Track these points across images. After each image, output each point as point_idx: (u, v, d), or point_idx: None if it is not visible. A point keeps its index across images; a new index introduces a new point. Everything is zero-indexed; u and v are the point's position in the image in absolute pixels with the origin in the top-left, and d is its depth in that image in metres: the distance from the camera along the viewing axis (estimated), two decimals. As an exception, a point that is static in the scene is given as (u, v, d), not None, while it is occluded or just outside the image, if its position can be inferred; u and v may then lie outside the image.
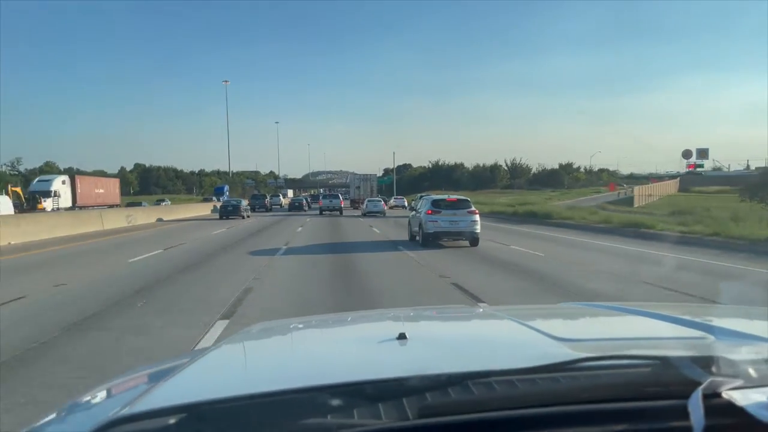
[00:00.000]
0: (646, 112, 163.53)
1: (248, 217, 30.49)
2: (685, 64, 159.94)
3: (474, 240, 13.40)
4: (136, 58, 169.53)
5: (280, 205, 46.58)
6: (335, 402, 0.77)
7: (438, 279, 8.59)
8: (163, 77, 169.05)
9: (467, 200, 14.20)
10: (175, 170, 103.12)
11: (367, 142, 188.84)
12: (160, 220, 27.68)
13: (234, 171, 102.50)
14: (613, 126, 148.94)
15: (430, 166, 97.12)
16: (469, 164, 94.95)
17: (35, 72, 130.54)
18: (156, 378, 1.06)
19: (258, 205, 39.68)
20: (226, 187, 55.43)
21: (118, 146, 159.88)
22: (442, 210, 13.87)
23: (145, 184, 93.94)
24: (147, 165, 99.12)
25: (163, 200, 61.53)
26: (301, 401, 0.78)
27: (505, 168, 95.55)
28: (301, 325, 1.74)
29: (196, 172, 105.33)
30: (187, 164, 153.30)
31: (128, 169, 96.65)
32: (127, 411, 0.81)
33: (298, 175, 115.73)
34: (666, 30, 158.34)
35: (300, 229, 20.93)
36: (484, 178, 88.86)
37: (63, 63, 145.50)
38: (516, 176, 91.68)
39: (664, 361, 0.84)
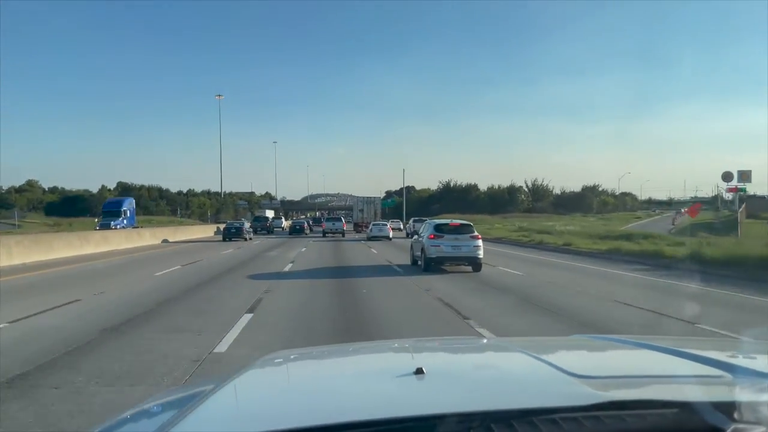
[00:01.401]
0: (657, 136, 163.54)
1: (250, 239, 32.56)
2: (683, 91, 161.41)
3: (476, 265, 13.94)
4: (127, 74, 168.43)
5: (282, 227, 49.36)
6: None
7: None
8: (156, 95, 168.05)
9: (470, 225, 14.86)
10: (159, 189, 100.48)
11: (366, 165, 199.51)
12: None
13: (227, 192, 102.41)
14: (631, 149, 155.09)
15: (441, 187, 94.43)
16: (483, 186, 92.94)
17: (15, 83, 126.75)
18: (181, 404, 1.13)
19: (260, 227, 42.50)
20: (127, 201, 43.45)
21: (104, 164, 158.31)
22: (444, 234, 14.24)
23: None
24: (129, 183, 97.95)
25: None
26: None
27: (526, 189, 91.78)
28: (315, 357, 1.80)
29: (184, 192, 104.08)
30: (176, 184, 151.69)
31: (110, 187, 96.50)
32: None
33: (296, 198, 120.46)
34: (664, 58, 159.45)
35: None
36: (502, 200, 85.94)
37: (44, 75, 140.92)
38: (538, 199, 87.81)
39: (688, 407, 0.87)
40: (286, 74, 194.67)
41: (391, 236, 31.76)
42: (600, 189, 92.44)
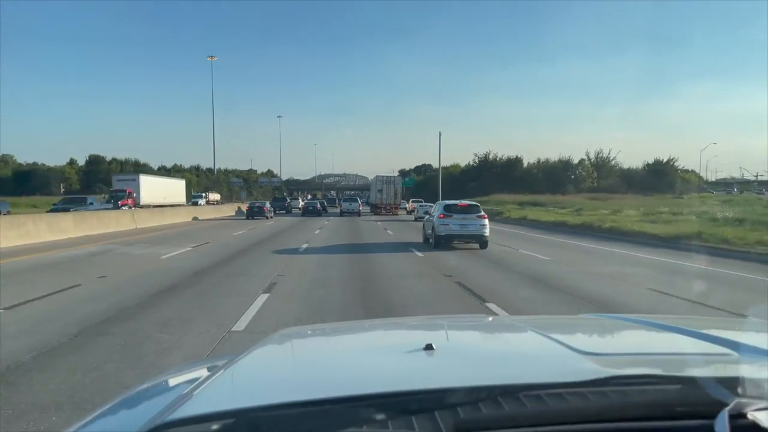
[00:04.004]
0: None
1: (271, 218, 38.97)
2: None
3: (483, 243, 16.52)
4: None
5: (299, 208, 54.12)
6: (372, 413, 0.86)
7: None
8: (151, 67, 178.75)
9: (477, 205, 17.46)
10: (136, 164, 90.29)
11: (375, 145, 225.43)
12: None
13: (222, 168, 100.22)
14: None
15: (476, 161, 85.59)
16: (528, 159, 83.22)
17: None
18: (193, 382, 1.21)
19: (278, 207, 48.42)
20: None
21: (78, 137, 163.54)
22: (453, 214, 16.57)
23: (92, 179, 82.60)
24: (101, 156, 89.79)
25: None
26: (343, 411, 0.88)
27: (588, 164, 79.69)
28: (326, 332, 1.98)
29: (169, 167, 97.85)
30: (163, 159, 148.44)
31: (80, 162, 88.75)
32: (173, 415, 0.91)
33: (303, 177, 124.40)
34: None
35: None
36: (558, 177, 75.81)
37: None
38: (603, 175, 77.06)
39: (692, 381, 0.95)
40: (291, 53, 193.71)
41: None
42: (674, 164, 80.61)
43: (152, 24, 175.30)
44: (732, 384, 0.89)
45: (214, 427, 0.82)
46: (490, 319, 2.66)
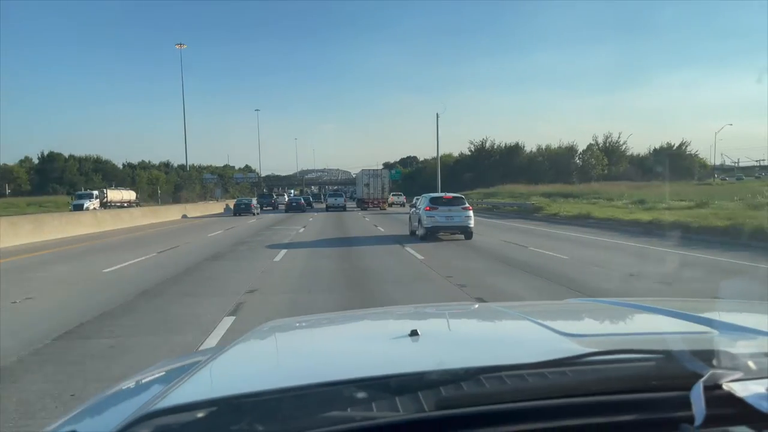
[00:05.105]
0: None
1: (257, 214, 41.10)
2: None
3: (468, 234, 17.34)
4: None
5: (285, 204, 59.27)
6: (356, 395, 0.90)
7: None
8: (121, 63, 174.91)
9: (462, 197, 18.28)
10: (98, 160, 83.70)
11: (357, 140, 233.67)
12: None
13: (196, 165, 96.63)
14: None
15: (472, 150, 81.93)
16: (529, 147, 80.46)
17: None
18: (179, 373, 1.24)
19: (265, 204, 51.40)
20: None
21: (35, 134, 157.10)
22: (439, 207, 17.21)
23: (45, 179, 75.86)
24: (57, 153, 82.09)
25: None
26: (325, 395, 0.93)
27: (598, 149, 75.07)
28: (314, 323, 2.04)
29: (135, 164, 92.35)
30: (129, 155, 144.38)
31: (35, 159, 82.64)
32: (159, 405, 0.94)
33: (284, 173, 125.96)
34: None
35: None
36: (564, 164, 72.64)
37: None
38: (614, 161, 73.10)
39: (668, 354, 1.00)
40: (269, 45, 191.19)
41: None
42: (685, 149, 76.42)
43: (121, 15, 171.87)
44: (707, 357, 0.94)
45: (199, 415, 0.86)
46: (476, 306, 2.69)
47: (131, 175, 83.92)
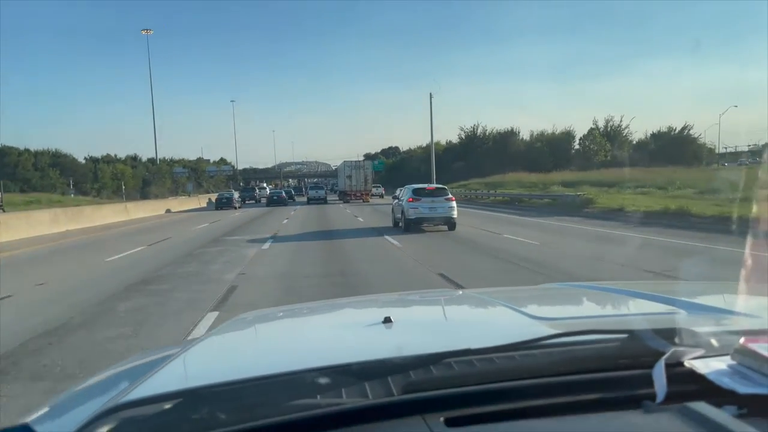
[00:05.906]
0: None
1: (239, 207, 42.12)
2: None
3: (451, 224, 17.68)
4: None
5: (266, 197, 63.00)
6: (324, 382, 0.93)
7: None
8: (87, 54, 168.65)
9: (445, 188, 18.92)
10: (56, 154, 76.28)
11: (335, 132, 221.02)
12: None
13: (166, 158, 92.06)
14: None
15: (463, 138, 78.39)
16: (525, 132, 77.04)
17: None
18: (150, 367, 1.27)
19: (248, 197, 52.82)
20: None
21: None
22: (421, 198, 17.45)
23: None
24: (14, 148, 74.42)
25: None
26: (292, 383, 0.95)
27: (599, 134, 70.18)
28: (291, 313, 2.08)
29: (99, 158, 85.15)
30: (92, 149, 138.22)
31: None
32: (125, 398, 0.97)
33: (261, 166, 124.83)
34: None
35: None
36: (564, 150, 68.66)
37: None
38: (617, 147, 68.00)
39: (631, 334, 1.04)
40: (245, 37, 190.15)
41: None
42: (688, 133, 69.16)
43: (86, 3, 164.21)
44: (669, 335, 0.98)
45: (166, 406, 0.88)
46: (458, 293, 2.69)
47: (93, 170, 76.56)
